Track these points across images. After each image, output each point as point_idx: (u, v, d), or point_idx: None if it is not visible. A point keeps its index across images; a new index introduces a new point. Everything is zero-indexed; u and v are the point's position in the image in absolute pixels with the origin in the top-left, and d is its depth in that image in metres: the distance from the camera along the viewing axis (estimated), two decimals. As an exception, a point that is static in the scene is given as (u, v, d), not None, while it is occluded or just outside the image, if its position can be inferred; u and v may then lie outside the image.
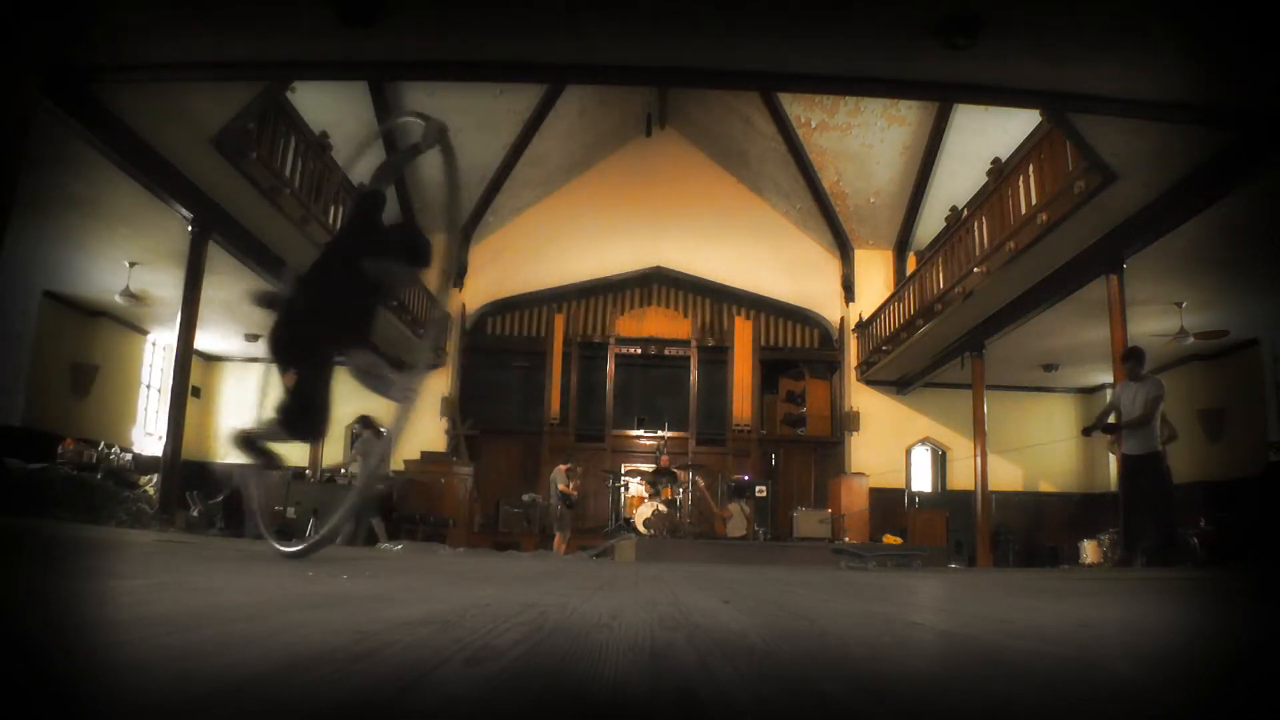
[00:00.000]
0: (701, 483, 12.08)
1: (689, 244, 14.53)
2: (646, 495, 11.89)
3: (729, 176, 14.86)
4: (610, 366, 14.49)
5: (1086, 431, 7.52)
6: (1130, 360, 6.84)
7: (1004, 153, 9.22)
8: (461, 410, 13.83)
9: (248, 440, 3.39)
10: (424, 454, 12.54)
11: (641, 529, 11.24)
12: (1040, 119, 7.76)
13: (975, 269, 9.45)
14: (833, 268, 14.73)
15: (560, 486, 11.00)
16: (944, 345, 11.68)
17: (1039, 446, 13.57)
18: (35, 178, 6.75)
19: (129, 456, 10.73)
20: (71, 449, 9.54)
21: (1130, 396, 6.74)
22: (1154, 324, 9.58)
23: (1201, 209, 6.94)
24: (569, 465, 11.50)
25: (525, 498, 12.82)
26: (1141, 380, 6.75)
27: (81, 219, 8.27)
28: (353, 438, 10.07)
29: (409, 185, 12.29)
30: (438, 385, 13.93)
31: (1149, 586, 3.30)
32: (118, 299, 9.93)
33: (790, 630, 1.21)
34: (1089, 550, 10.78)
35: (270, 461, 3.46)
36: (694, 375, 14.53)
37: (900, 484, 13.81)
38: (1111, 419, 7.00)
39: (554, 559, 7.25)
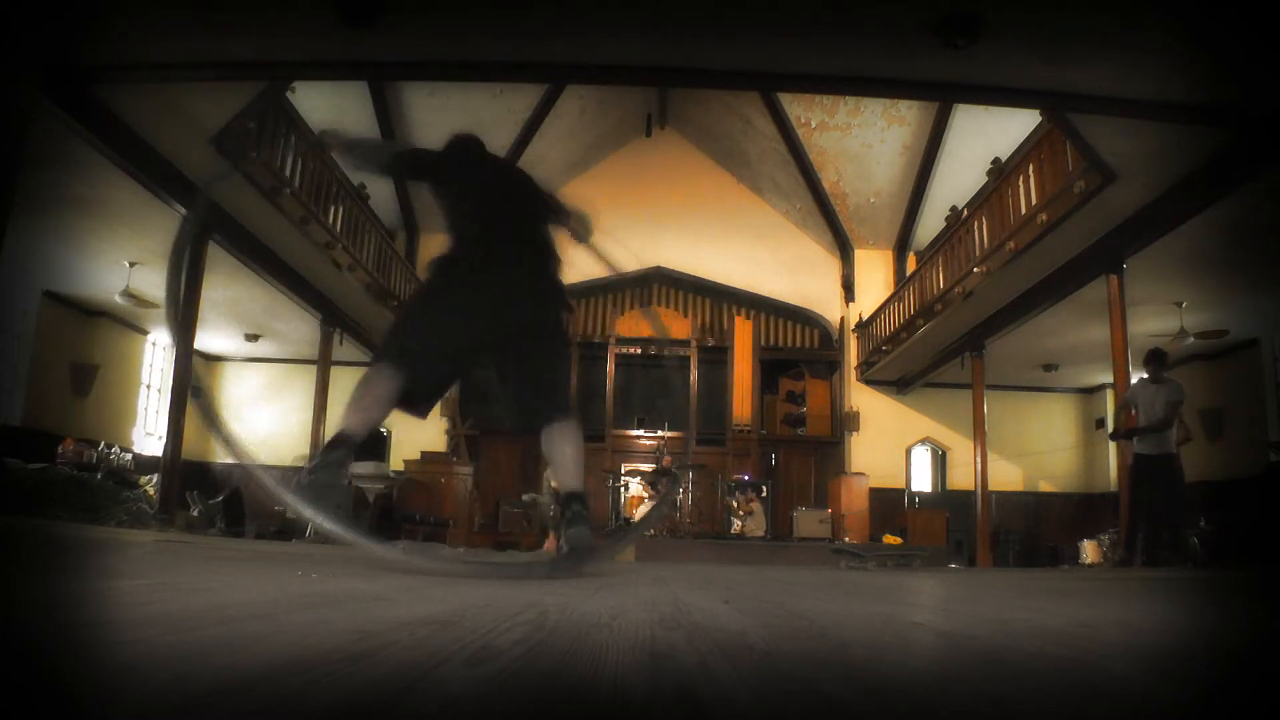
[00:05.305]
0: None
1: (689, 244, 14.53)
2: (646, 495, 11.90)
3: (729, 176, 14.86)
4: (610, 366, 14.49)
5: (1114, 436, 7.57)
6: (1152, 362, 6.88)
7: (1004, 153, 9.22)
8: (461, 410, 13.83)
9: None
10: (424, 454, 12.54)
11: (641, 529, 11.25)
12: (1040, 119, 7.76)
13: (975, 269, 9.45)
14: (833, 268, 14.73)
15: (554, 485, 11.02)
16: (944, 345, 11.68)
17: (1041, 454, 13.61)
18: (35, 178, 6.75)
19: (129, 456, 10.73)
20: (71, 449, 9.54)
21: (1149, 398, 6.77)
22: (1154, 324, 9.59)
23: (1201, 209, 6.94)
24: None
25: (525, 498, 12.81)
26: (1161, 382, 6.79)
27: (81, 219, 8.27)
28: None
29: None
30: (438, 385, 13.92)
31: (1149, 586, 3.29)
32: (118, 299, 9.94)
33: (790, 630, 1.21)
34: (1089, 550, 10.78)
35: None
36: (694, 375, 14.53)
37: (900, 484, 13.81)
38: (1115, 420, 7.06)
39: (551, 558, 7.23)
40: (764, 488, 13.11)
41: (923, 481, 14.35)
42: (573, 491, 2.89)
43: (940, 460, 14.35)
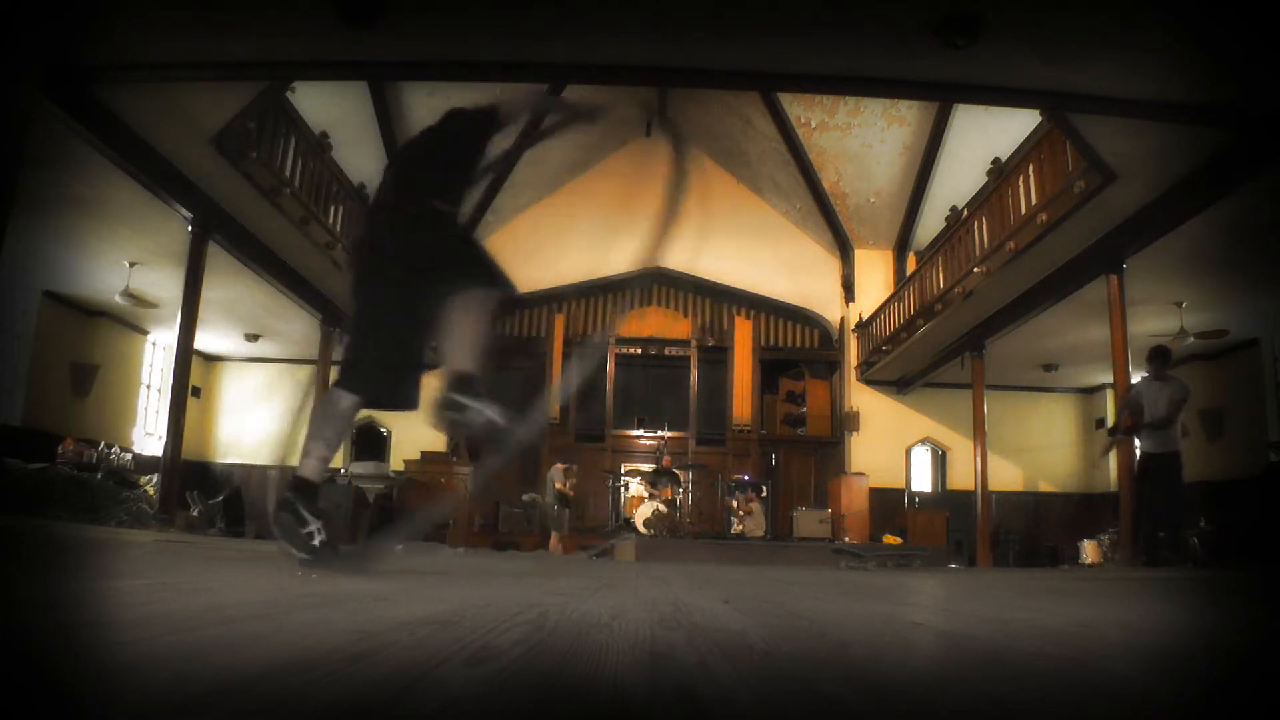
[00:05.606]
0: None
1: (689, 244, 14.52)
2: (646, 495, 11.90)
3: (729, 176, 14.85)
4: (610, 366, 14.49)
5: (1112, 432, 7.56)
6: (1154, 360, 6.88)
7: (1004, 153, 9.22)
8: (461, 410, 13.80)
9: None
10: (424, 454, 12.54)
11: (641, 529, 11.26)
12: (1040, 119, 7.76)
13: (975, 269, 9.45)
14: (833, 268, 14.72)
15: (557, 485, 11.01)
16: (944, 345, 11.68)
17: (1040, 454, 13.61)
18: (35, 178, 6.76)
19: (129, 456, 10.73)
20: (71, 449, 9.54)
21: (1153, 396, 6.76)
22: (1154, 324, 9.59)
23: (1201, 209, 6.95)
24: (566, 465, 11.51)
25: (525, 498, 12.81)
26: (1165, 380, 6.79)
27: (81, 219, 8.27)
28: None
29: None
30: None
31: (1149, 586, 3.30)
32: (118, 299, 9.94)
33: (790, 630, 1.21)
34: (1089, 550, 10.78)
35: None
36: (694, 375, 14.53)
37: (900, 484, 13.81)
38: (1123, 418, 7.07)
39: (552, 559, 7.25)
40: (764, 488, 13.11)
41: (923, 481, 14.35)
42: (459, 373, 2.25)
43: (940, 460, 14.35)
